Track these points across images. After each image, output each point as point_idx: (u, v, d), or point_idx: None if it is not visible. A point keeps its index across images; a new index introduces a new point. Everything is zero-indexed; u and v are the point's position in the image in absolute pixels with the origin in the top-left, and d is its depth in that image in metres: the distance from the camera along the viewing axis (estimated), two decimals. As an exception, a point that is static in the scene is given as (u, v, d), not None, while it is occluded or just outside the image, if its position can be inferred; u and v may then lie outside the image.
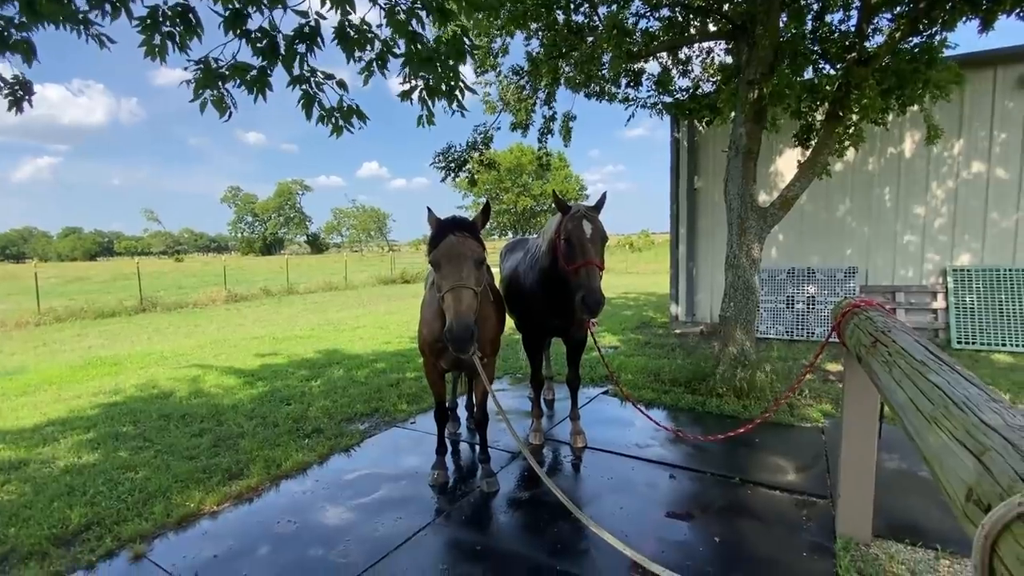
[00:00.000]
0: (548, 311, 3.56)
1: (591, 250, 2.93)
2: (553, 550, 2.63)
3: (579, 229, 2.95)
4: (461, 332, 2.20)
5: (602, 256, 3.09)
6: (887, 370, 1.58)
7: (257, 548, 2.72)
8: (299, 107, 2.63)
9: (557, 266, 3.25)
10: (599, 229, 3.01)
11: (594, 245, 2.95)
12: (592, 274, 2.88)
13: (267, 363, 7.01)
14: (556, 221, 3.22)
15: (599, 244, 3.00)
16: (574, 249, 2.95)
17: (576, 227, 2.95)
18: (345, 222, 74.26)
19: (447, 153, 6.13)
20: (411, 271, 22.09)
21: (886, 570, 2.42)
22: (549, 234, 3.33)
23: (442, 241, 2.38)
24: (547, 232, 3.41)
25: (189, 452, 4.01)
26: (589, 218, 3.01)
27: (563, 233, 3.00)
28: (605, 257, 3.16)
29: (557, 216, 3.27)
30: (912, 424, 1.25)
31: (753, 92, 4.77)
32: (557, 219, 3.21)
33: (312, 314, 12.44)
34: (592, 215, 3.05)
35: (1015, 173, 6.79)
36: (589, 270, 2.88)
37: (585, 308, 2.85)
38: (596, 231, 2.98)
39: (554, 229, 3.20)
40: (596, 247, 2.96)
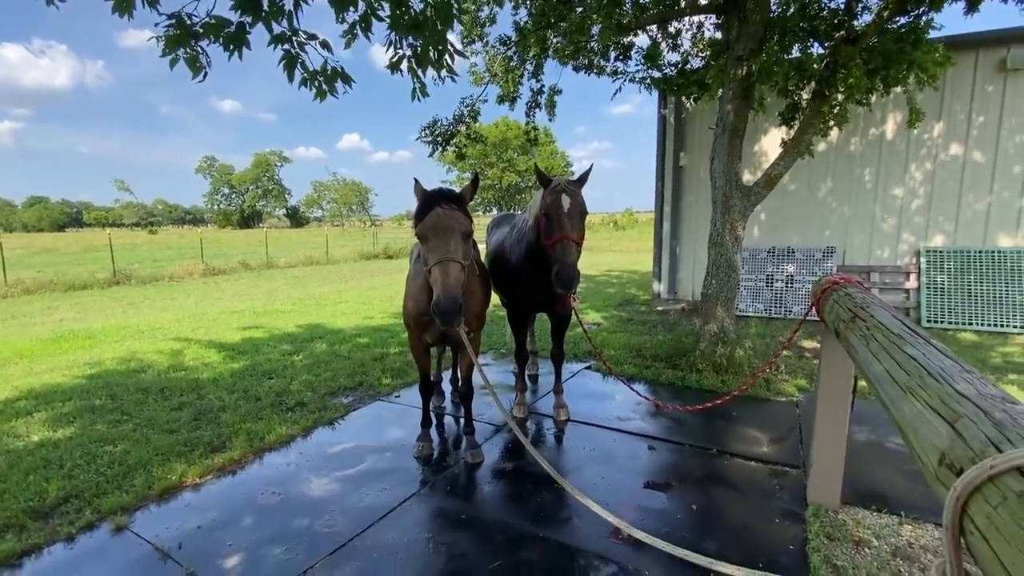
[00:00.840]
0: (534, 286, 3.56)
1: (567, 225, 2.91)
2: (536, 518, 2.69)
3: (557, 203, 2.92)
4: (448, 305, 2.19)
5: (581, 231, 3.06)
6: (865, 343, 1.62)
7: (241, 519, 2.72)
8: (281, 68, 2.52)
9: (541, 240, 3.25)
10: (578, 203, 2.99)
11: (571, 220, 2.93)
12: (567, 249, 2.87)
13: (248, 337, 6.91)
14: (540, 195, 3.19)
15: (577, 218, 2.98)
16: (551, 223, 2.94)
17: (554, 201, 2.93)
18: (326, 195, 72.75)
19: (433, 126, 6.00)
20: (394, 246, 21.84)
21: (852, 534, 2.53)
22: (534, 209, 3.30)
23: (429, 213, 2.34)
24: (533, 207, 3.38)
25: (169, 425, 3.96)
26: (568, 192, 2.98)
27: (542, 207, 2.97)
28: (585, 232, 3.15)
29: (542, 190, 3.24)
30: (888, 394, 1.29)
31: (741, 68, 4.75)
32: (541, 193, 3.18)
33: (293, 288, 12.26)
34: (572, 189, 3.02)
35: (990, 156, 6.94)
36: (564, 245, 2.88)
37: (559, 282, 2.86)
38: (575, 205, 2.95)
39: (537, 203, 3.18)
40: (573, 221, 2.94)
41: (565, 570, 2.29)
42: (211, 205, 79.42)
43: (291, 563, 2.36)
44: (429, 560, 2.36)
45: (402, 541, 2.50)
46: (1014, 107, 6.73)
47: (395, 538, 2.52)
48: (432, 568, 2.31)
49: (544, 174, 3.09)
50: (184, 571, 2.32)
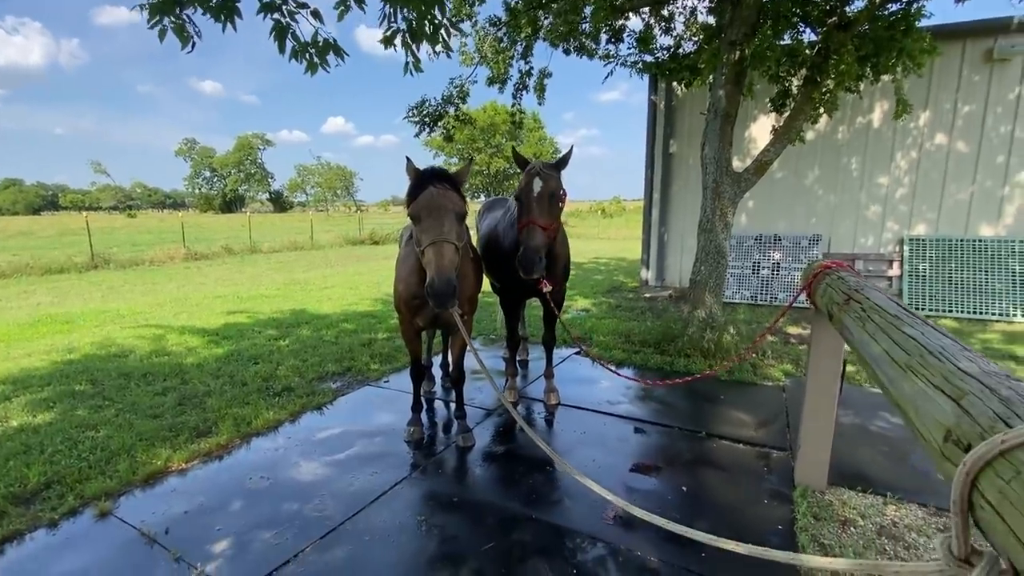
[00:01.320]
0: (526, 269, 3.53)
1: (535, 208, 2.88)
2: (528, 500, 2.69)
3: (528, 186, 2.89)
4: (443, 287, 2.15)
5: (553, 214, 3.02)
6: (860, 325, 1.62)
7: (229, 503, 2.68)
8: (271, 40, 2.42)
9: None
10: (550, 186, 2.93)
11: (540, 203, 2.89)
12: (531, 233, 2.84)
13: (232, 322, 6.80)
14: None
15: (546, 202, 2.93)
16: (522, 207, 2.92)
17: (526, 184, 2.89)
18: (310, 180, 71.42)
19: (421, 107, 5.88)
20: (380, 232, 21.60)
21: (839, 514, 2.58)
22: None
23: (422, 193, 2.28)
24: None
25: (153, 411, 3.88)
26: (541, 175, 2.93)
27: (518, 190, 2.94)
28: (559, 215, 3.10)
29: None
30: (886, 374, 1.30)
31: (734, 53, 4.72)
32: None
33: (278, 273, 12.08)
34: (546, 172, 2.97)
35: (974, 146, 7.04)
36: (529, 229, 2.85)
37: (520, 267, 2.86)
38: (545, 188, 2.91)
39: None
40: (542, 205, 2.90)
41: (557, 551, 2.29)
42: (192, 189, 77.54)
43: (281, 547, 2.33)
44: (421, 542, 2.36)
45: (394, 524, 2.49)
46: (999, 97, 6.81)
47: (387, 521, 2.51)
48: (425, 551, 2.31)
49: (521, 156, 3.04)
50: (171, 556, 2.28)
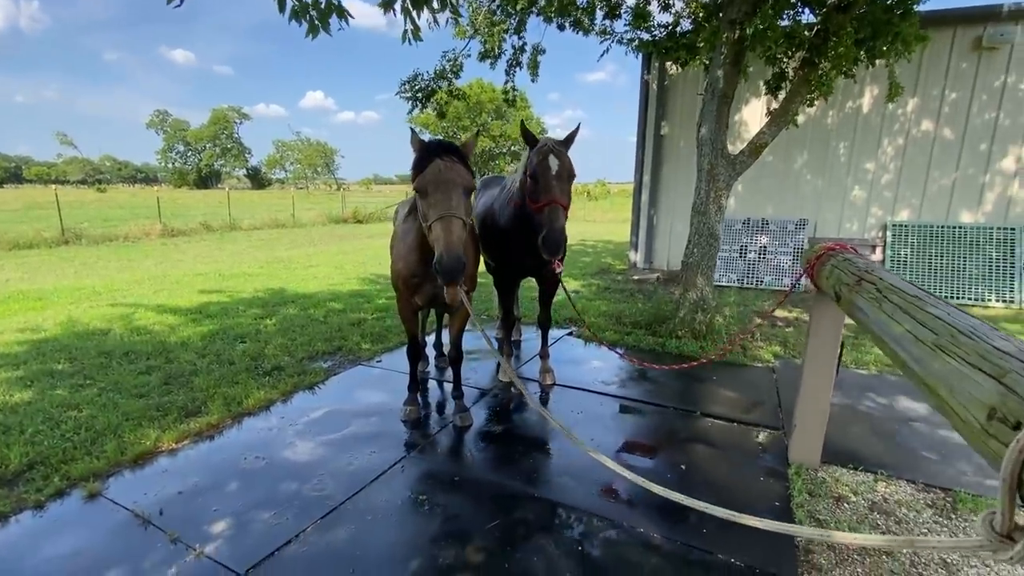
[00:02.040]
0: (523, 250, 3.48)
1: (556, 188, 2.77)
2: (529, 479, 2.70)
3: (544, 165, 2.77)
4: (452, 264, 2.08)
5: (568, 195, 2.94)
6: (876, 305, 1.62)
7: (225, 484, 2.63)
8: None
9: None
10: (567, 165, 2.84)
11: (560, 183, 2.79)
12: (555, 214, 2.74)
13: (214, 300, 6.62)
14: (525, 156, 3.07)
15: (565, 182, 2.84)
16: (538, 186, 2.78)
17: (542, 163, 2.77)
18: (289, 156, 69.45)
19: (414, 81, 5.70)
20: (363, 210, 21.21)
21: (832, 491, 2.65)
22: (520, 169, 3.19)
23: (429, 166, 2.20)
24: (519, 169, 3.26)
25: (137, 390, 3.77)
26: (556, 153, 2.84)
27: (529, 168, 2.81)
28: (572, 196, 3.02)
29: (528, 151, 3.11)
30: (911, 353, 1.29)
31: (734, 32, 4.66)
32: (527, 154, 3.06)
33: (259, 251, 11.79)
34: (560, 149, 2.88)
35: (959, 133, 7.15)
36: (552, 209, 2.75)
37: (545, 248, 2.75)
38: (563, 167, 2.82)
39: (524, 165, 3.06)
40: (562, 185, 2.81)
41: (561, 529, 2.30)
42: (165, 163, 74.78)
43: (281, 527, 2.29)
44: (424, 522, 2.34)
45: (395, 504, 2.46)
46: (985, 85, 6.91)
47: (388, 501, 2.48)
48: (428, 530, 2.29)
49: (531, 133, 2.91)
50: (168, 538, 2.22)
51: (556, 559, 2.11)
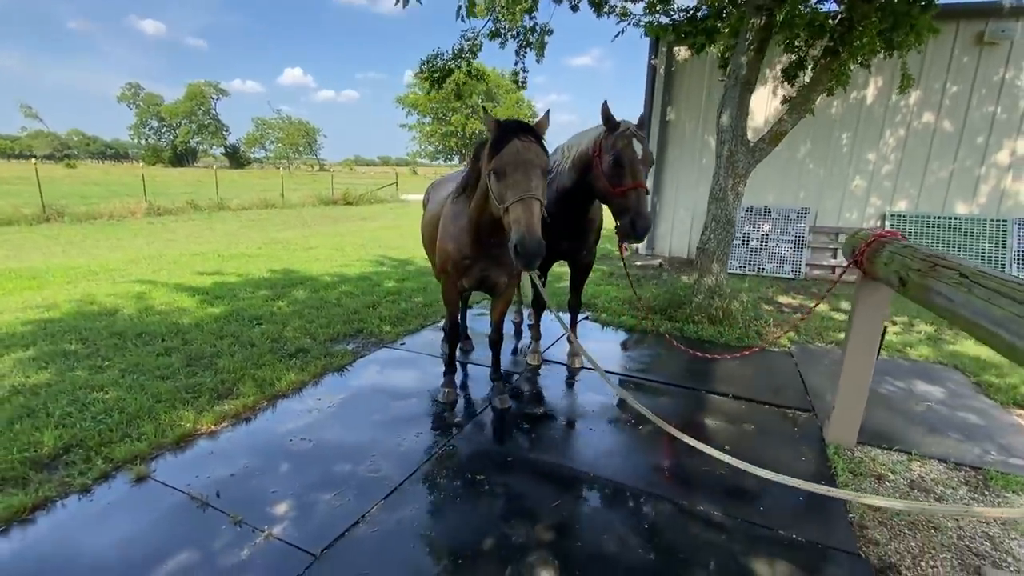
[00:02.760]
0: (562, 233, 3.47)
1: (641, 172, 2.81)
2: (583, 459, 2.73)
3: (631, 149, 2.79)
4: (535, 247, 2.06)
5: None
6: (965, 290, 1.67)
7: (276, 466, 2.60)
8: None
9: (583, 186, 3.13)
10: (648, 151, 2.89)
11: (644, 167, 2.83)
12: (643, 198, 2.79)
13: (219, 281, 6.46)
14: (592, 138, 3.03)
15: (648, 167, 2.89)
16: (624, 170, 2.79)
17: (628, 147, 2.79)
18: (269, 135, 67.46)
19: (434, 59, 5.56)
20: (353, 192, 20.83)
21: (871, 470, 2.75)
22: (578, 151, 3.16)
23: (506, 146, 2.16)
24: (574, 149, 3.23)
25: (161, 372, 3.68)
26: (639, 138, 2.86)
27: (611, 151, 2.82)
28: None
29: (591, 132, 3.08)
30: (1020, 335, 1.34)
31: (761, 18, 4.66)
32: (594, 135, 3.03)
33: (253, 232, 11.52)
34: (641, 135, 2.90)
35: (958, 126, 7.32)
36: (640, 193, 2.78)
37: (634, 233, 2.79)
38: (646, 153, 2.85)
39: (589, 146, 3.02)
40: (645, 169, 2.85)
41: (623, 508, 2.34)
42: (137, 139, 72.01)
43: (345, 508, 2.28)
44: (489, 501, 2.36)
45: (455, 484, 2.47)
46: (985, 79, 7.07)
47: (448, 482, 2.49)
48: (493, 509, 2.31)
49: (611, 115, 2.90)
50: (231, 520, 2.20)
51: (625, 537, 2.15)
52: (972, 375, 4.14)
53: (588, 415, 3.26)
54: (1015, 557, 2.14)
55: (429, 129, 35.59)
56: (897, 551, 2.15)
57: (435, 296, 5.97)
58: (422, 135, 35.98)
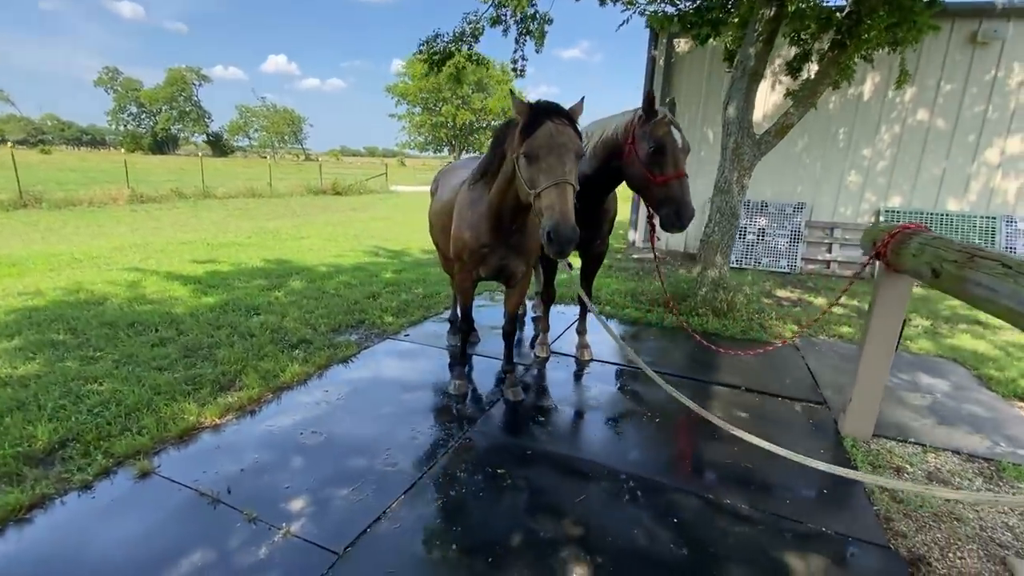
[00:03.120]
0: (577, 221, 3.39)
1: (683, 161, 2.78)
2: (605, 452, 2.68)
3: (671, 137, 2.73)
4: (570, 234, 1.98)
5: None
6: (1011, 281, 1.65)
7: (288, 460, 2.50)
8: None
9: (605, 173, 3.07)
10: (687, 140, 2.85)
11: (684, 156, 2.80)
12: (686, 187, 2.77)
13: (212, 270, 6.28)
14: (618, 125, 2.96)
15: (687, 155, 2.86)
16: (666, 159, 2.74)
17: (669, 135, 2.73)
18: (254, 123, 65.97)
19: (433, 42, 5.42)
20: (342, 182, 20.50)
21: (889, 462, 2.75)
22: (601, 138, 3.08)
23: (539, 129, 2.07)
24: (595, 136, 3.16)
25: (157, 363, 3.53)
26: (677, 126, 2.81)
27: (650, 139, 2.75)
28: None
29: (615, 119, 3.01)
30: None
31: (771, 9, 4.63)
32: (620, 123, 2.95)
33: (241, 221, 11.25)
34: (678, 123, 2.86)
35: (951, 124, 7.41)
36: (683, 182, 2.75)
37: (679, 223, 2.76)
38: (685, 141, 2.81)
39: (618, 133, 2.94)
40: (684, 158, 2.82)
41: (650, 503, 2.30)
42: (116, 125, 69.90)
43: (365, 504, 2.20)
44: (512, 496, 2.29)
45: (476, 478, 2.40)
46: (977, 78, 7.15)
47: (468, 476, 2.42)
48: (518, 503, 2.25)
49: (654, 103, 2.83)
50: (245, 517, 2.10)
51: (654, 531, 2.11)
52: (972, 368, 4.19)
53: (603, 407, 3.22)
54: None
55: (419, 119, 35.08)
56: (924, 543, 2.14)
57: (435, 287, 5.88)
58: (411, 125, 35.49)
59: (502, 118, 40.83)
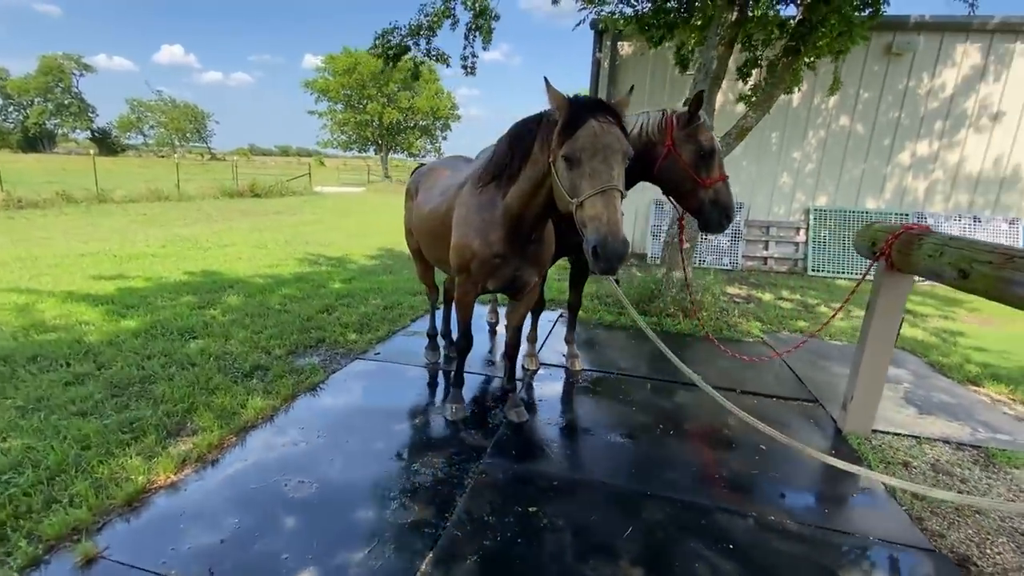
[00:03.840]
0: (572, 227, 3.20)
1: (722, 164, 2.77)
2: (633, 476, 2.49)
3: (712, 142, 2.69)
4: (621, 249, 1.74)
5: None
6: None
7: (278, 521, 2.07)
8: None
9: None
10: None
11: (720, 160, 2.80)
12: (730, 189, 2.77)
13: (124, 287, 5.40)
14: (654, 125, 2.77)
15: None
16: (713, 162, 2.71)
17: (710, 139, 2.70)
18: (149, 118, 59.43)
19: (390, 35, 4.99)
20: (262, 184, 18.95)
21: (896, 457, 2.80)
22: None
23: (582, 128, 1.82)
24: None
25: (78, 407, 2.88)
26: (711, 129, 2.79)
27: (696, 143, 2.68)
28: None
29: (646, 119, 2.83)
30: None
31: (732, 13, 4.71)
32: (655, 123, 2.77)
33: (150, 228, 9.94)
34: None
35: (869, 129, 8.10)
36: (728, 184, 2.76)
37: (727, 222, 2.76)
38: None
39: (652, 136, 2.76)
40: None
41: (696, 526, 2.14)
42: (-27, 118, 60.12)
43: (388, 569, 1.84)
44: (555, 538, 2.03)
45: (509, 521, 2.12)
46: (892, 87, 7.87)
47: (497, 519, 2.13)
48: (563, 546, 1.99)
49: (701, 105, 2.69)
50: (239, 604, 1.68)
51: (711, 559, 1.95)
52: (923, 356, 4.51)
53: (615, 424, 3.04)
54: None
55: (342, 117, 33.28)
56: (961, 540, 2.16)
57: (394, 298, 5.45)
58: (334, 123, 33.59)
59: (431, 118, 40.09)
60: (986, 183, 7.99)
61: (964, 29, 7.51)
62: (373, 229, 11.48)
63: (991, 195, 8.02)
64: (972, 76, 7.66)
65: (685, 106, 2.79)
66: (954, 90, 7.74)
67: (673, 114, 2.73)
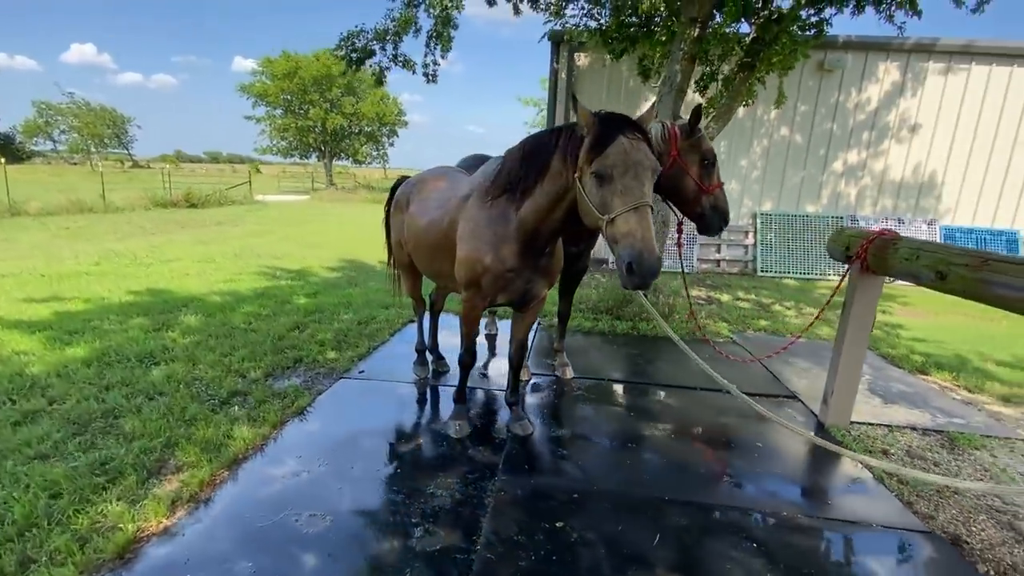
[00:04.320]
0: (568, 235, 3.24)
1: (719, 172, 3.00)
2: (651, 483, 2.53)
3: (712, 152, 2.89)
4: (655, 265, 1.76)
5: None
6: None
7: (298, 562, 1.92)
8: None
9: None
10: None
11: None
12: (725, 194, 3.01)
13: (61, 311, 4.90)
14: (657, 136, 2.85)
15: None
16: (713, 170, 2.93)
17: (711, 149, 2.89)
18: (59, 122, 54.34)
19: (356, 38, 4.83)
20: (198, 192, 17.80)
21: (876, 446, 3.01)
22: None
23: (612, 144, 1.83)
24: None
25: (35, 450, 2.57)
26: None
27: (700, 152, 2.87)
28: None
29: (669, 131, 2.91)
30: None
31: (694, 30, 4.94)
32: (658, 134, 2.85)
33: (77, 243, 9.08)
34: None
35: (806, 139, 8.73)
36: (724, 190, 2.99)
37: (725, 224, 2.99)
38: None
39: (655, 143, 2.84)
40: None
41: (719, 528, 2.21)
42: None
43: (425, 601, 1.77)
44: (592, 552, 2.02)
45: (538, 539, 2.08)
46: (825, 100, 8.53)
47: (526, 538, 2.09)
48: (598, 560, 1.99)
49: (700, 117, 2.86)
50: (273, 657, 1.55)
51: (742, 560, 2.01)
52: (874, 349, 4.89)
53: (618, 431, 3.08)
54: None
55: (281, 123, 31.85)
56: (949, 521, 2.35)
57: (367, 311, 5.27)
58: (273, 129, 32.06)
59: (377, 123, 39.12)
60: (907, 188, 8.82)
61: (885, 49, 8.27)
62: (328, 239, 11.06)
63: (912, 199, 8.85)
64: (893, 92, 8.45)
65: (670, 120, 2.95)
66: (878, 104, 8.51)
67: (673, 126, 2.83)
